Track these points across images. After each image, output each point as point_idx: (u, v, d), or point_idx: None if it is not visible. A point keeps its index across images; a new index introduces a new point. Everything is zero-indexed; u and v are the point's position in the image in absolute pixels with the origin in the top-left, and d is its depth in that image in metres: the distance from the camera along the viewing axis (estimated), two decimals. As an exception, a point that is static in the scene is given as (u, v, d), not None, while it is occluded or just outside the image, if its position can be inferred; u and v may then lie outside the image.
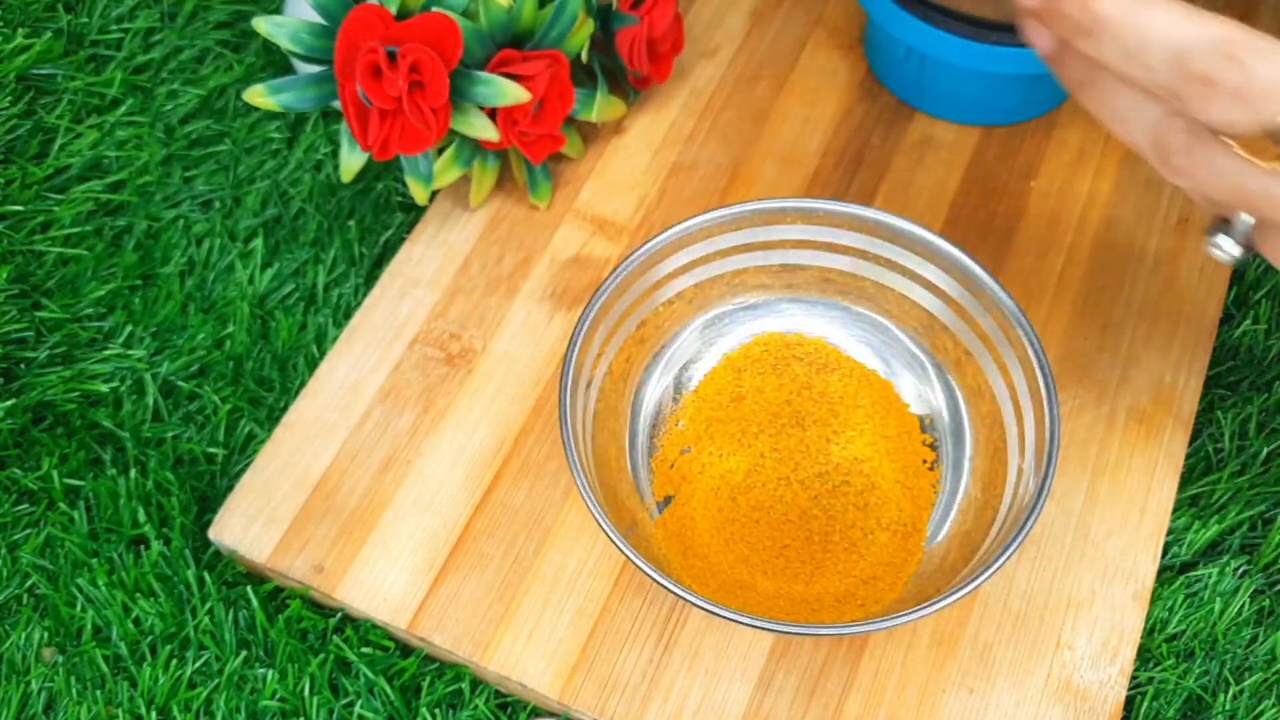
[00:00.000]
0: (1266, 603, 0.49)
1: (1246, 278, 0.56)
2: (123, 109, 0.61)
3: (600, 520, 0.42)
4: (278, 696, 0.47)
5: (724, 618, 0.41)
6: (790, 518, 0.48)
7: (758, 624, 0.41)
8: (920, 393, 0.50)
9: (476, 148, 0.54)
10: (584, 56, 0.55)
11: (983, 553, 0.44)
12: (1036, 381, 0.45)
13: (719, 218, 0.48)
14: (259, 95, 0.50)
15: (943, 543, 0.47)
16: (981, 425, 0.48)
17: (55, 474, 0.52)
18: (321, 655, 0.48)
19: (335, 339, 0.54)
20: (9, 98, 0.61)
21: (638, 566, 0.42)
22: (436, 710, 0.47)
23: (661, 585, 0.41)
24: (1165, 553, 0.50)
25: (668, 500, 0.49)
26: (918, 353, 0.50)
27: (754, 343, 0.52)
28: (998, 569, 0.41)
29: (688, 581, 0.46)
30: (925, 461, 0.49)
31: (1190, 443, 0.52)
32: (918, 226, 0.47)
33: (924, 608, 0.41)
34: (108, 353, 0.55)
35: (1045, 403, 0.44)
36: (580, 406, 0.46)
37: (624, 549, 0.42)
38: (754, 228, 0.49)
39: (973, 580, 0.41)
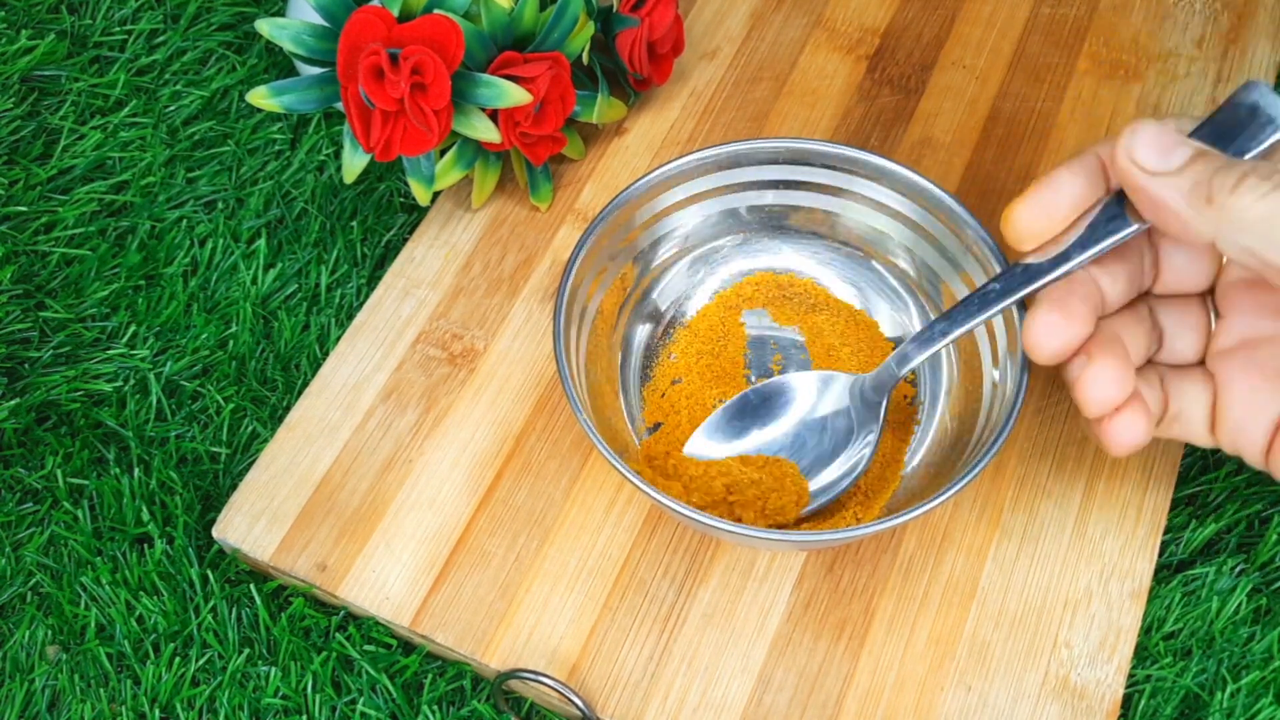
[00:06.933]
0: (1264, 601, 0.49)
1: (1244, 278, 0.57)
2: (126, 110, 0.61)
3: (600, 446, 0.44)
4: (280, 694, 0.47)
5: (703, 523, 0.42)
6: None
7: (737, 530, 0.42)
8: (899, 321, 0.52)
9: (478, 149, 0.55)
10: (585, 58, 0.56)
11: (955, 473, 0.45)
12: None
13: (711, 156, 0.50)
14: (262, 97, 0.50)
15: (916, 471, 0.49)
16: (956, 348, 0.50)
17: (59, 473, 0.52)
18: (324, 653, 0.48)
19: (338, 339, 0.55)
20: (13, 99, 0.61)
21: (636, 485, 0.43)
22: (438, 708, 0.47)
23: (660, 502, 0.43)
24: (1162, 551, 0.50)
25: (656, 426, 0.51)
26: (897, 286, 0.52)
27: (746, 281, 0.53)
28: (972, 479, 0.43)
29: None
30: (906, 397, 0.51)
31: (1187, 442, 0.53)
32: (896, 164, 0.49)
33: (896, 517, 0.42)
34: (111, 352, 0.55)
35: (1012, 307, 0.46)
36: (574, 335, 0.48)
37: (623, 470, 0.43)
38: (744, 167, 0.51)
39: (948, 490, 0.43)
